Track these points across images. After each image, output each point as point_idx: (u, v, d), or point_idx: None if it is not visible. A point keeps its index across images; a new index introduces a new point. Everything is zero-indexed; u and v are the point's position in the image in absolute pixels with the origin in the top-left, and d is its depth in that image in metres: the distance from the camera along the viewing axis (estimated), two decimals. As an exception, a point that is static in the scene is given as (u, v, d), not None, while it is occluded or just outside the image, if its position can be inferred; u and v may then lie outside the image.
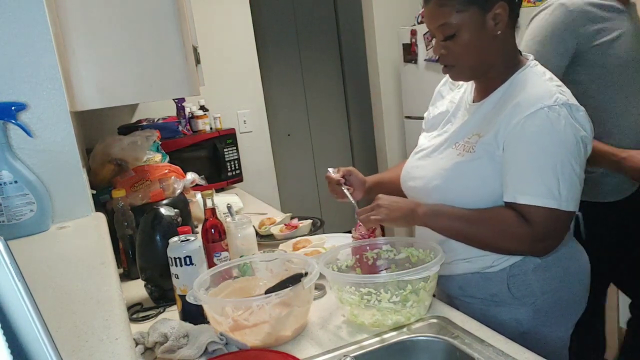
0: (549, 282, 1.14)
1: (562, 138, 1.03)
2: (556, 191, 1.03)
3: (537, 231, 1.05)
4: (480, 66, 1.14)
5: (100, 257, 0.86)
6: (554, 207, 1.03)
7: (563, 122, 1.03)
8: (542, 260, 1.13)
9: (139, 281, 1.41)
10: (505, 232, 1.09)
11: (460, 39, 1.10)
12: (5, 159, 1.00)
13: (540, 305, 1.14)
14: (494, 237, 1.11)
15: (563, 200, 1.03)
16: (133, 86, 1.30)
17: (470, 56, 1.12)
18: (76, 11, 1.22)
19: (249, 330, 1.03)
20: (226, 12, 2.94)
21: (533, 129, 1.04)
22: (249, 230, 1.43)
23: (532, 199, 1.04)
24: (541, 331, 1.15)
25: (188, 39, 1.38)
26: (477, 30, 1.09)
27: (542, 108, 1.03)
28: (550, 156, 1.03)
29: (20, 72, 1.03)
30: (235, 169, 2.71)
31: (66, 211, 1.09)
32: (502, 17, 1.09)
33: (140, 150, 1.82)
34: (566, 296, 1.17)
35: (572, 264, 1.19)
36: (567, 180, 1.03)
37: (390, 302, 1.05)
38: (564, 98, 1.05)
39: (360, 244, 1.26)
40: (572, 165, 1.04)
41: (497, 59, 1.14)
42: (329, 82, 4.47)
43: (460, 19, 1.08)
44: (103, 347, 0.57)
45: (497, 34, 1.10)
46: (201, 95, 2.01)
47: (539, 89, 1.08)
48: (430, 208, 1.16)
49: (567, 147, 1.03)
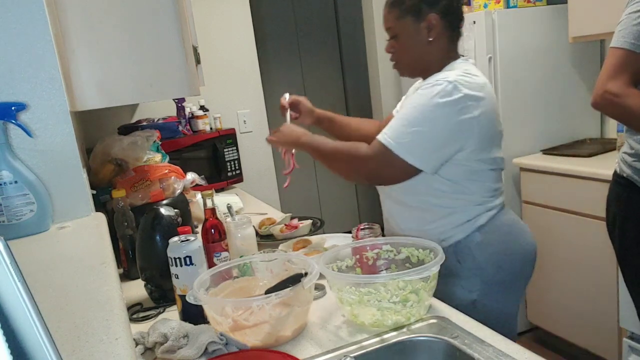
0: (492, 256, 1.33)
1: (427, 101, 1.24)
2: (397, 135, 1.25)
3: (369, 158, 1.29)
4: (417, 65, 1.39)
5: (100, 257, 0.86)
6: (387, 146, 1.26)
7: (436, 91, 1.23)
8: (483, 237, 1.33)
9: (139, 281, 1.41)
10: (351, 157, 1.34)
11: (400, 41, 1.37)
12: (5, 159, 1.00)
13: (487, 278, 1.33)
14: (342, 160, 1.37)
15: (397, 144, 1.25)
16: (133, 86, 1.30)
17: (407, 56, 1.38)
18: (76, 11, 1.22)
19: (249, 331, 1.03)
20: (226, 12, 2.94)
21: (420, 92, 1.28)
22: (249, 230, 1.43)
23: (381, 136, 1.28)
24: (490, 301, 1.34)
25: (188, 39, 1.38)
26: (412, 35, 1.34)
27: (434, 81, 1.26)
28: (415, 111, 1.26)
29: (20, 72, 1.03)
30: (236, 169, 2.71)
31: (66, 211, 1.09)
32: (435, 26, 1.32)
33: (141, 150, 1.82)
34: (509, 271, 1.35)
35: (513, 244, 1.37)
36: (410, 133, 1.25)
37: (390, 302, 1.05)
38: (453, 77, 1.24)
39: (360, 244, 1.26)
40: (422, 124, 1.24)
41: (432, 60, 1.36)
42: (329, 82, 4.47)
43: (400, 25, 1.35)
44: (103, 347, 0.57)
45: (430, 40, 1.33)
46: (201, 95, 2.01)
47: (444, 74, 1.29)
48: (311, 137, 1.43)
49: (425, 108, 1.24)
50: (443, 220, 1.34)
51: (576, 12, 2.36)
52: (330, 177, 4.52)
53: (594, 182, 2.18)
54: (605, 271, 2.19)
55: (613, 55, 1.45)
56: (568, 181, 2.31)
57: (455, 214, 1.33)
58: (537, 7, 2.62)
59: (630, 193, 1.53)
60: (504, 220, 1.38)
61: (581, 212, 2.27)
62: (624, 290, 1.84)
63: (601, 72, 1.47)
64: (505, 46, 2.51)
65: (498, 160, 1.36)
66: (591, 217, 2.22)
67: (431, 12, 1.31)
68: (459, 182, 1.31)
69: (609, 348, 2.26)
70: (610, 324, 2.22)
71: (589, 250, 2.27)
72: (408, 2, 1.32)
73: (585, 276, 2.31)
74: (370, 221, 1.41)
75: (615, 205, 1.61)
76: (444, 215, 1.34)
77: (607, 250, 1.88)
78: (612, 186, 1.62)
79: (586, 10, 2.30)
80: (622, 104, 1.42)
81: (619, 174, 1.58)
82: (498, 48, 2.50)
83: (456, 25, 1.36)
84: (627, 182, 1.53)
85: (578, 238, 2.31)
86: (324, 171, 4.57)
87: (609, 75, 1.44)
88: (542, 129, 2.68)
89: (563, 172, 2.33)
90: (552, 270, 2.47)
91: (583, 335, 2.39)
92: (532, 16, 2.56)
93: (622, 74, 1.42)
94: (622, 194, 1.57)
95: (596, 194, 2.15)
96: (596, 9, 2.25)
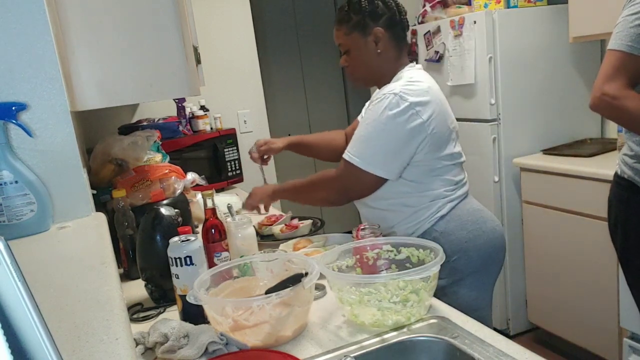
0: (455, 244, 1.40)
1: (378, 115, 1.34)
2: (362, 152, 1.36)
3: (340, 180, 1.42)
4: (370, 76, 1.50)
5: (100, 257, 0.86)
6: (355, 164, 1.36)
7: (385, 104, 1.34)
8: (445, 226, 1.41)
9: (139, 281, 1.41)
10: (324, 182, 1.47)
11: (352, 56, 1.47)
12: (5, 159, 1.00)
13: (454, 265, 1.39)
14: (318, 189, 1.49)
15: (363, 161, 1.36)
16: (133, 86, 1.30)
17: (360, 69, 1.49)
18: (76, 11, 1.22)
19: (249, 331, 1.03)
20: (226, 12, 2.94)
21: (371, 108, 1.39)
22: (249, 230, 1.43)
23: (346, 154, 1.39)
24: (459, 288, 1.41)
25: (188, 39, 1.38)
26: (362, 49, 1.45)
27: (382, 95, 1.36)
28: (368, 127, 1.37)
29: (20, 72, 1.03)
30: (236, 169, 2.71)
31: (66, 211, 1.09)
32: (381, 39, 1.42)
33: (141, 150, 1.82)
34: (477, 258, 1.42)
35: (477, 231, 1.43)
36: (372, 147, 1.36)
37: (390, 302, 1.05)
38: (398, 89, 1.34)
39: (360, 244, 1.26)
40: (379, 137, 1.35)
41: (383, 70, 1.46)
42: (329, 82, 4.47)
43: (349, 41, 1.45)
44: (103, 347, 0.57)
45: (379, 52, 1.43)
46: (201, 95, 2.01)
47: (391, 85, 1.39)
48: (279, 187, 1.62)
49: (379, 123, 1.34)
50: (411, 217, 1.43)
51: (576, 12, 2.36)
52: (331, 177, 4.51)
53: (594, 182, 2.17)
54: (606, 271, 2.19)
55: (610, 57, 1.45)
56: (568, 181, 2.31)
57: (421, 210, 1.42)
58: (538, 7, 2.62)
59: (631, 194, 1.53)
60: (466, 208, 1.46)
61: (581, 212, 2.27)
62: (624, 290, 1.85)
63: (599, 74, 1.47)
64: (505, 46, 2.51)
65: (455, 155, 1.45)
66: (591, 217, 2.22)
67: (376, 26, 1.42)
68: (421, 182, 1.41)
69: (609, 348, 2.26)
70: (611, 324, 2.22)
71: (589, 250, 2.27)
72: (354, 18, 1.42)
73: (586, 276, 2.31)
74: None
75: (616, 206, 1.61)
76: (411, 213, 1.43)
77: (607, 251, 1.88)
78: (613, 187, 1.63)
79: (586, 10, 2.30)
80: (619, 106, 1.42)
81: (619, 175, 1.58)
82: (498, 48, 2.50)
83: (402, 35, 1.47)
84: (628, 184, 1.53)
85: (578, 238, 2.31)
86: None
87: (607, 78, 1.44)
88: (542, 129, 2.68)
89: (563, 172, 2.33)
90: (553, 271, 2.47)
91: (583, 335, 2.39)
92: (532, 16, 2.56)
93: (619, 76, 1.42)
94: (623, 195, 1.57)
95: (596, 194, 2.15)
96: (596, 9, 2.25)
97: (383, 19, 1.42)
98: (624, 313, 2.13)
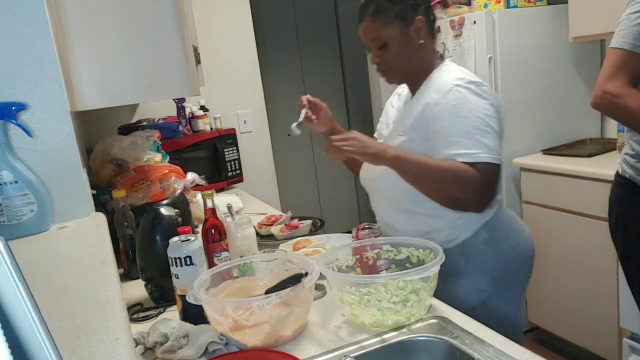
0: (499, 253, 1.33)
1: (474, 105, 1.24)
2: (485, 147, 1.21)
3: (482, 181, 1.22)
4: (410, 70, 1.38)
5: (100, 257, 0.86)
6: (487, 161, 1.21)
7: (471, 93, 1.25)
8: (490, 234, 1.33)
9: (139, 281, 1.41)
10: (461, 180, 1.22)
11: (391, 49, 1.35)
12: (5, 159, 1.00)
13: (496, 274, 1.33)
14: (451, 183, 1.25)
15: (494, 153, 1.22)
16: (133, 86, 1.30)
17: (400, 63, 1.37)
18: (76, 11, 1.22)
19: (249, 331, 1.03)
20: (226, 12, 2.94)
21: (450, 103, 1.25)
22: (249, 230, 1.43)
23: (469, 157, 1.21)
24: (498, 298, 1.34)
25: (188, 39, 1.38)
26: (403, 41, 1.34)
27: (453, 86, 1.26)
28: (470, 121, 1.23)
29: (20, 72, 1.03)
30: (236, 169, 2.71)
31: (66, 211, 1.09)
32: (422, 29, 1.34)
33: (141, 150, 1.82)
34: (514, 266, 1.37)
35: (518, 237, 1.39)
36: (490, 137, 1.23)
37: (390, 302, 1.05)
38: (468, 78, 1.27)
39: (360, 244, 1.26)
40: (489, 125, 1.23)
41: (421, 63, 1.38)
42: (329, 82, 4.47)
43: (388, 33, 1.34)
44: (103, 347, 0.57)
45: (420, 43, 1.35)
46: (201, 95, 2.01)
47: (448, 76, 1.31)
48: (399, 151, 1.29)
49: (480, 110, 1.23)
50: (451, 223, 1.33)
51: (576, 12, 2.36)
52: (330, 177, 4.52)
53: (594, 182, 2.17)
54: (606, 271, 2.19)
55: (612, 55, 1.45)
56: (568, 181, 2.31)
57: (463, 216, 1.32)
58: (537, 7, 2.62)
59: (632, 194, 1.53)
60: (506, 215, 1.40)
61: (581, 212, 2.27)
62: (624, 290, 1.85)
63: (600, 72, 1.47)
64: (505, 46, 2.51)
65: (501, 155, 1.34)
66: (591, 217, 2.22)
67: (416, 15, 1.33)
68: None
69: (609, 348, 2.26)
70: (611, 324, 2.22)
71: (589, 250, 2.27)
72: (394, 8, 1.33)
73: (586, 276, 2.31)
74: (370, 221, 1.41)
75: (617, 206, 1.61)
76: (452, 219, 1.32)
77: (608, 250, 1.88)
78: (614, 187, 1.63)
79: (586, 10, 2.30)
80: (621, 104, 1.42)
81: (620, 174, 1.58)
82: (498, 48, 2.50)
83: (434, 27, 1.41)
84: (629, 183, 1.53)
85: (578, 238, 2.31)
86: (324, 171, 4.57)
87: (608, 76, 1.44)
88: (542, 129, 2.68)
89: (563, 172, 2.33)
90: (552, 270, 2.47)
91: (583, 335, 2.39)
92: (532, 16, 2.56)
93: (621, 74, 1.42)
94: (624, 194, 1.57)
95: (596, 194, 2.15)
96: (596, 9, 2.25)
97: (422, 8, 1.35)
98: (624, 313, 2.13)
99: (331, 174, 4.52)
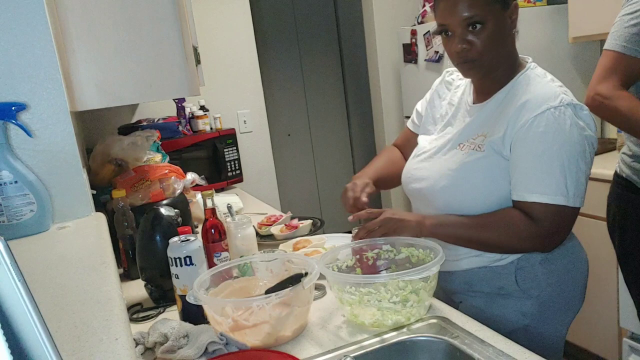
0: (554, 274, 1.17)
1: (568, 137, 1.06)
2: (564, 188, 1.06)
3: (544, 228, 1.08)
4: (499, 61, 1.16)
5: (100, 257, 0.86)
6: (561, 204, 1.07)
7: (569, 122, 1.06)
8: (548, 253, 1.16)
9: (139, 281, 1.41)
10: (512, 232, 1.11)
11: (487, 32, 1.11)
12: (5, 159, 1.00)
13: (545, 298, 1.17)
14: (501, 239, 1.13)
15: (570, 197, 1.07)
16: (133, 86, 1.30)
17: (491, 50, 1.12)
18: (76, 11, 1.22)
19: (249, 331, 1.03)
20: (226, 12, 2.94)
21: (540, 129, 1.07)
22: (249, 230, 1.43)
23: (540, 197, 1.07)
24: (542, 325, 1.18)
25: (188, 39, 1.38)
26: (499, 25, 1.12)
27: (548, 109, 1.07)
28: (557, 155, 1.06)
29: (20, 72, 1.03)
30: (236, 169, 2.71)
31: (66, 211, 1.09)
32: (516, 17, 1.15)
33: (140, 150, 1.82)
34: (568, 289, 1.21)
35: (575, 258, 1.23)
36: (574, 178, 1.07)
37: (390, 302, 1.05)
38: (568, 98, 1.08)
39: (360, 244, 1.26)
40: (578, 163, 1.07)
41: (509, 57, 1.18)
42: (329, 82, 4.47)
43: (489, 12, 1.10)
44: (103, 347, 0.57)
45: (513, 32, 1.15)
46: (201, 95, 2.01)
47: (544, 90, 1.11)
48: (437, 219, 1.17)
49: (572, 145, 1.06)
50: None
51: (576, 12, 2.36)
52: (331, 177, 4.52)
53: (594, 182, 2.16)
54: (605, 271, 2.19)
55: (605, 57, 1.46)
56: (568, 181, 2.30)
57: None
58: (537, 7, 2.62)
59: (629, 193, 1.53)
60: None
61: (581, 212, 2.26)
62: (624, 290, 1.84)
63: (594, 74, 1.47)
64: (505, 46, 2.51)
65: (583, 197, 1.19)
66: (591, 217, 2.21)
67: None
68: None
69: (609, 348, 2.25)
70: (610, 324, 2.22)
71: (588, 250, 2.24)
72: None
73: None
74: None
75: (615, 205, 1.61)
76: None
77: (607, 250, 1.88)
78: (612, 186, 1.63)
79: (586, 10, 2.30)
80: (611, 107, 1.42)
81: (618, 174, 1.58)
82: (498, 48, 2.50)
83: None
84: (626, 183, 1.54)
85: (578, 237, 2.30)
86: (324, 171, 4.57)
87: (600, 78, 1.44)
88: (542, 129, 2.68)
89: (563, 172, 2.32)
90: (552, 270, 2.47)
91: (583, 335, 2.38)
92: (532, 16, 2.56)
93: (612, 76, 1.42)
94: (621, 194, 1.57)
95: (596, 193, 2.14)
96: (596, 9, 2.24)
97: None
98: (623, 313, 2.13)
99: (331, 174, 4.52)
